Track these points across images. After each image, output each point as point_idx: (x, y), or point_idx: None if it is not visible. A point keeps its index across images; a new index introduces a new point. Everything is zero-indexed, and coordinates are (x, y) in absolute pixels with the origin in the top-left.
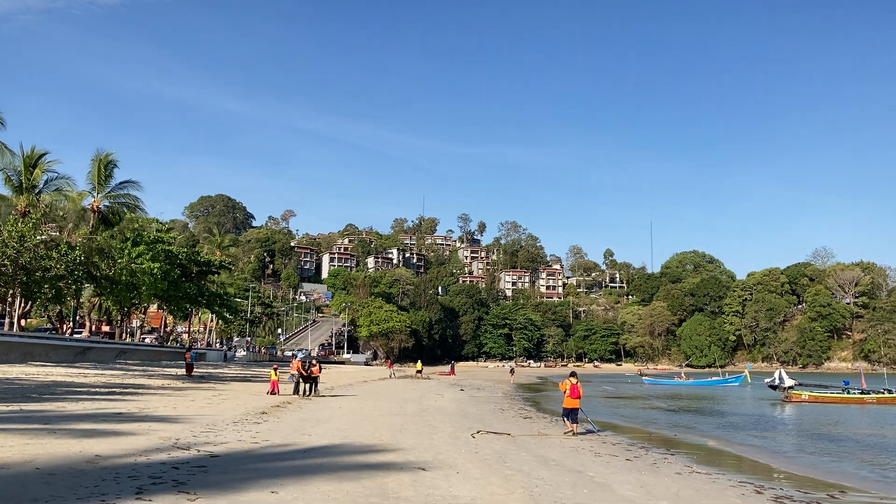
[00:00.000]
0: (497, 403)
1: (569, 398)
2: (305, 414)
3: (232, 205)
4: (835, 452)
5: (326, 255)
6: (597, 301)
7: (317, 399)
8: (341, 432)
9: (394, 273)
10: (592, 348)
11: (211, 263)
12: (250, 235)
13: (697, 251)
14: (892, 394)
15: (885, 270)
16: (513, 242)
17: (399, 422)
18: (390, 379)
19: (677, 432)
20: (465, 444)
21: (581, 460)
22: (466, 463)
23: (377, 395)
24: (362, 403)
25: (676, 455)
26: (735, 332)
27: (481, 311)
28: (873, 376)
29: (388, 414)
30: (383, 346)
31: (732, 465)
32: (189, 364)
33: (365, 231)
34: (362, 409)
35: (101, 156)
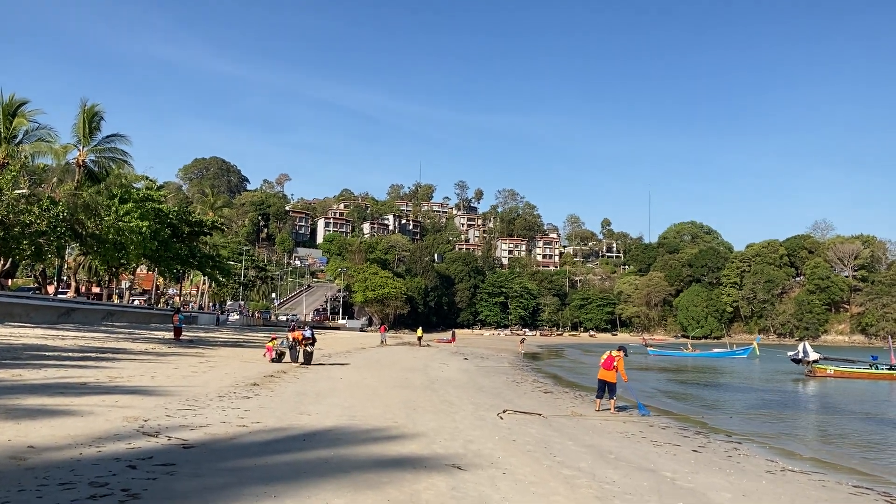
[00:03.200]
0: (508, 375)
1: (602, 368)
2: (302, 386)
3: (226, 168)
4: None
5: (321, 220)
6: (593, 270)
7: (314, 368)
8: (347, 410)
9: (389, 239)
10: (588, 318)
11: (203, 224)
12: (244, 199)
13: (695, 222)
14: None
15: (884, 244)
16: (510, 210)
17: (410, 396)
18: (384, 345)
19: (715, 412)
20: (494, 427)
21: (643, 452)
22: (509, 457)
23: (378, 363)
24: (364, 373)
25: (744, 444)
26: (732, 303)
27: (477, 278)
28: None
29: (395, 386)
30: (378, 313)
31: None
32: (177, 327)
33: (361, 197)
34: (365, 381)
35: (86, 107)
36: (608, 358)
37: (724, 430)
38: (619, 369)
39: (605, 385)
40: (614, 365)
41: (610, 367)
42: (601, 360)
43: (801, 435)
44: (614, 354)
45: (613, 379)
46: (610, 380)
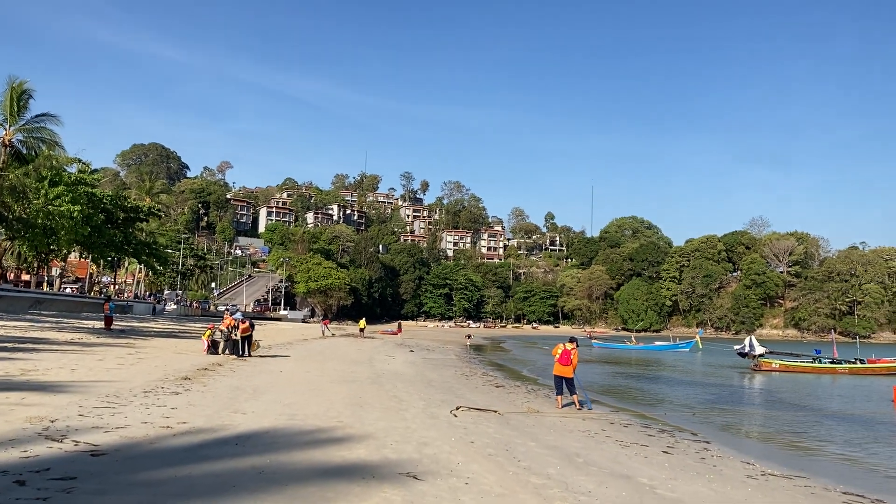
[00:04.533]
0: (456, 367)
1: (557, 364)
2: (238, 380)
3: (166, 154)
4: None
5: (264, 208)
6: (537, 263)
7: (253, 360)
8: (286, 408)
9: (334, 229)
10: (531, 310)
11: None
12: (184, 186)
13: (637, 217)
14: (864, 364)
15: (817, 241)
16: (455, 202)
17: (356, 392)
18: (324, 337)
19: (672, 408)
20: (449, 426)
21: (613, 455)
22: (470, 463)
23: (321, 355)
24: (306, 366)
25: (712, 442)
26: (671, 297)
27: (422, 270)
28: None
29: (339, 380)
30: (321, 304)
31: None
32: (108, 316)
33: (304, 186)
34: (308, 374)
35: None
36: (564, 352)
37: (687, 428)
38: (573, 363)
39: (563, 381)
40: (571, 359)
41: (567, 361)
42: (555, 354)
43: (766, 432)
44: (569, 348)
45: (571, 374)
46: (568, 375)
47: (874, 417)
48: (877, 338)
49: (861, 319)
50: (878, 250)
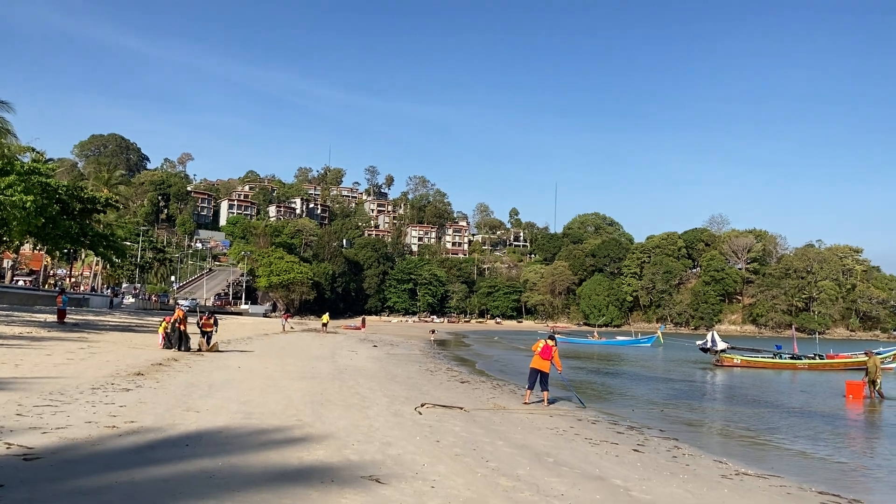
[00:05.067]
0: (421, 363)
1: (538, 357)
2: (194, 376)
3: (126, 145)
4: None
5: (225, 201)
6: (501, 259)
7: (210, 356)
8: (243, 406)
9: (297, 223)
10: (495, 305)
11: (96, 200)
12: (144, 178)
13: (599, 213)
14: (823, 359)
15: (775, 238)
16: (420, 197)
17: (317, 388)
18: (285, 331)
19: (638, 404)
20: (414, 424)
21: (583, 454)
22: (436, 464)
23: (282, 350)
24: (266, 362)
25: (682, 440)
26: (632, 293)
27: (386, 265)
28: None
29: (300, 377)
30: (283, 298)
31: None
32: (61, 310)
33: (267, 179)
34: (267, 370)
35: None
36: (545, 347)
37: (655, 424)
38: (555, 359)
39: (539, 375)
40: (552, 354)
41: (548, 356)
42: (535, 349)
43: (732, 429)
44: (550, 344)
45: (548, 369)
46: (545, 370)
47: (831, 412)
48: (830, 333)
49: (816, 316)
50: (833, 248)
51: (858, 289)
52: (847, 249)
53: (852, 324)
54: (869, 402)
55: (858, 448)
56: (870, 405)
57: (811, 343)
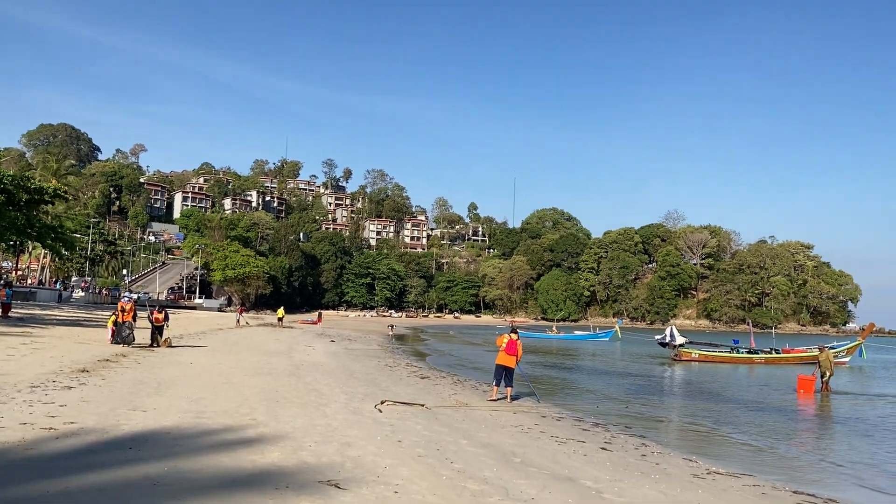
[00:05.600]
0: (380, 358)
1: (504, 353)
2: (143, 373)
3: (76, 135)
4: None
5: (179, 193)
6: (459, 253)
7: (161, 351)
8: (194, 404)
9: (252, 216)
10: (453, 300)
11: (44, 191)
12: (95, 169)
13: (557, 208)
14: (779, 353)
15: (729, 234)
16: (379, 191)
17: (272, 385)
18: (240, 326)
19: (600, 400)
20: (373, 423)
21: (551, 453)
22: (398, 466)
23: (236, 346)
24: (220, 357)
25: (649, 438)
26: (589, 287)
27: (344, 259)
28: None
29: (255, 373)
30: (239, 292)
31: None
32: (4, 303)
33: (222, 171)
34: (220, 366)
35: None
36: (510, 342)
37: (620, 421)
38: (519, 354)
39: (505, 371)
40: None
41: (513, 351)
42: (500, 344)
43: (695, 424)
44: (514, 338)
45: (514, 365)
46: (511, 366)
47: (788, 407)
48: (782, 328)
49: (769, 310)
50: (786, 244)
51: (809, 284)
52: (798, 245)
53: (803, 318)
54: (820, 397)
55: (818, 442)
56: (821, 399)
57: (767, 338)
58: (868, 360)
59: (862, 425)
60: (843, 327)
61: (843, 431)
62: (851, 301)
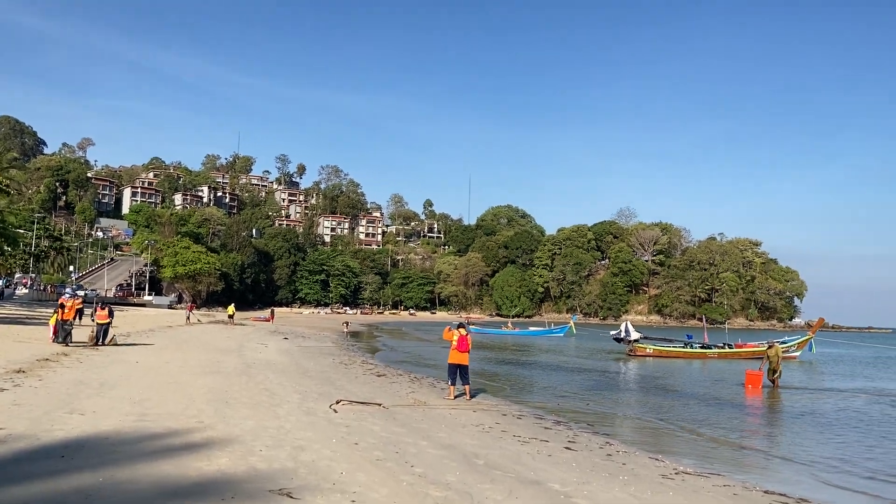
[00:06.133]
0: (334, 356)
1: (455, 351)
2: (85, 373)
3: (20, 128)
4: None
5: (128, 189)
6: (415, 250)
7: (106, 350)
8: (137, 406)
9: (204, 212)
10: (409, 296)
11: None
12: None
13: (512, 206)
14: (732, 348)
15: (680, 231)
16: (333, 187)
17: (222, 385)
18: (190, 323)
19: (559, 397)
20: (328, 424)
21: (514, 454)
22: (355, 472)
23: (186, 343)
24: (168, 356)
25: (613, 437)
26: (543, 284)
27: (298, 255)
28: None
29: (203, 372)
30: (190, 289)
31: (695, 451)
32: None
33: (173, 166)
34: (168, 365)
35: None
36: (461, 339)
37: (582, 418)
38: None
39: (459, 369)
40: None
41: (465, 348)
42: (452, 341)
43: (654, 421)
44: (464, 334)
45: (468, 361)
46: (465, 363)
47: (743, 402)
48: (731, 323)
49: (718, 306)
50: (735, 241)
51: (757, 280)
52: (747, 242)
53: (751, 314)
54: (768, 392)
55: (780, 438)
56: (770, 395)
57: (720, 333)
58: (817, 354)
59: (821, 420)
60: (789, 322)
61: (804, 427)
62: (797, 297)
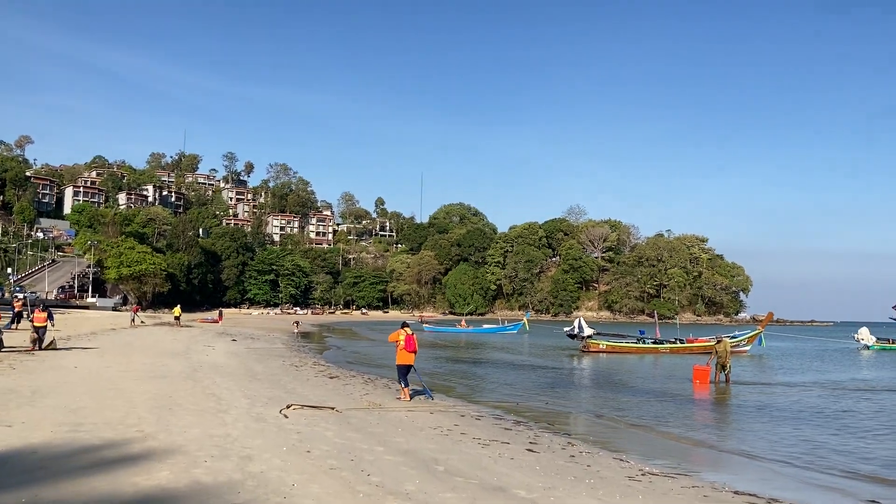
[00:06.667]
0: (285, 357)
1: (404, 352)
2: (16, 380)
3: None
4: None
5: (70, 188)
6: (367, 249)
7: (43, 354)
8: (72, 416)
9: (149, 211)
10: (361, 295)
11: None
12: None
13: (464, 204)
14: (683, 343)
15: (628, 228)
16: (282, 185)
17: (165, 390)
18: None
19: (516, 395)
20: (279, 430)
21: (475, 458)
22: (308, 482)
23: (130, 347)
24: (110, 360)
25: (574, 437)
26: (496, 281)
27: (246, 255)
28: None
29: (147, 376)
30: (135, 291)
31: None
32: None
33: (116, 164)
34: (109, 370)
35: None
36: (408, 339)
37: (541, 417)
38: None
39: (408, 370)
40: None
41: (413, 348)
42: (398, 342)
43: (616, 420)
44: (410, 333)
45: (413, 361)
46: (412, 363)
47: (696, 398)
48: (679, 318)
49: (666, 302)
50: (682, 237)
51: (704, 276)
52: (694, 239)
53: (699, 309)
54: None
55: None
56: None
57: (671, 328)
58: (767, 348)
59: (780, 415)
60: (735, 317)
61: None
62: (743, 291)
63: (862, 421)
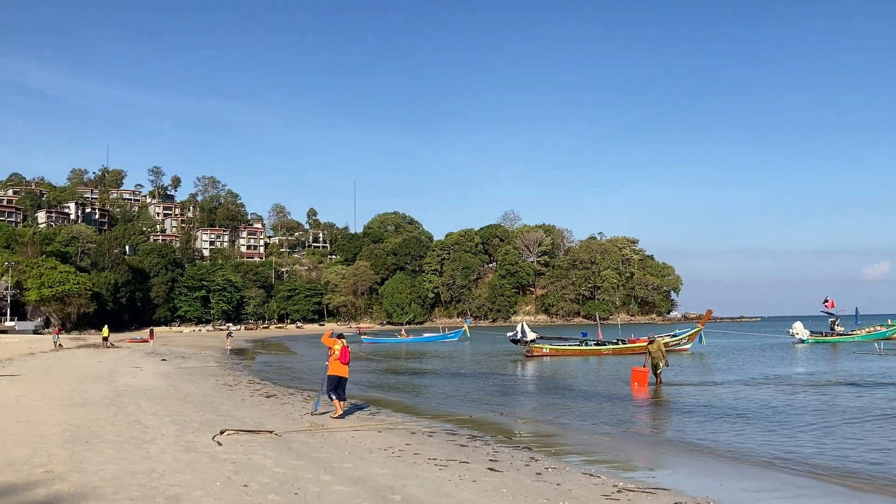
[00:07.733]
0: (218, 377)
1: (338, 362)
2: None
3: None
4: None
5: None
6: (300, 261)
7: None
8: None
9: (71, 230)
10: (295, 309)
11: None
12: None
13: (398, 212)
14: (625, 344)
15: (562, 232)
16: (211, 199)
17: (84, 419)
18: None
19: (469, 405)
20: (212, 461)
21: (435, 483)
22: None
23: (49, 372)
24: (25, 388)
25: (535, 449)
26: (434, 289)
27: (175, 272)
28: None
29: (64, 404)
30: (58, 312)
31: (623, 458)
32: None
33: (35, 182)
34: (20, 400)
35: None
36: (344, 349)
37: (497, 429)
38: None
39: (340, 382)
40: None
41: (347, 359)
42: (333, 349)
43: (575, 427)
44: (345, 344)
45: (347, 374)
46: (346, 375)
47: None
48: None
49: (601, 303)
50: (614, 239)
51: (636, 276)
52: (625, 241)
53: (632, 309)
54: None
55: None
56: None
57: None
58: (706, 345)
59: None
60: (668, 315)
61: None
62: (674, 290)
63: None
